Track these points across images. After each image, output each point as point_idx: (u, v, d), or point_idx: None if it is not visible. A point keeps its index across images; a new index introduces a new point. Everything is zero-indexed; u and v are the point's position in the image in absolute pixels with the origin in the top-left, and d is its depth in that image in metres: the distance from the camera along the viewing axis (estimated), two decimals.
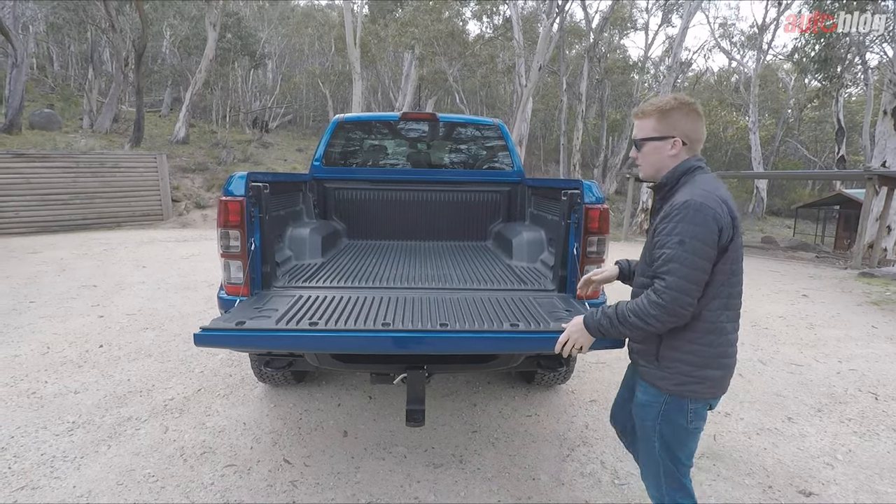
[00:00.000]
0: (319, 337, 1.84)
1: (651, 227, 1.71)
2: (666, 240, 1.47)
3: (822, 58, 12.83)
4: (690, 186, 1.54)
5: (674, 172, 1.61)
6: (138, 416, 3.08)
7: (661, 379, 1.60)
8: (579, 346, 1.68)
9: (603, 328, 1.58)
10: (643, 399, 1.68)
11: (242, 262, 2.39)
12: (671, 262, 1.44)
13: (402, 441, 2.89)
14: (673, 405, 1.60)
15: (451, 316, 2.05)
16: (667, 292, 1.43)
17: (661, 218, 1.53)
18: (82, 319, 4.87)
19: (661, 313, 1.45)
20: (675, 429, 1.61)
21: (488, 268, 3.17)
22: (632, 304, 1.53)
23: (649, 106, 1.64)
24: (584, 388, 3.70)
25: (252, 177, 2.45)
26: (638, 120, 1.67)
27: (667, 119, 1.59)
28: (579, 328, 1.65)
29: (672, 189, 1.61)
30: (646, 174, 1.70)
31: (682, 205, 1.46)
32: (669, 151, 1.60)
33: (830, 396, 3.71)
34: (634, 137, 1.68)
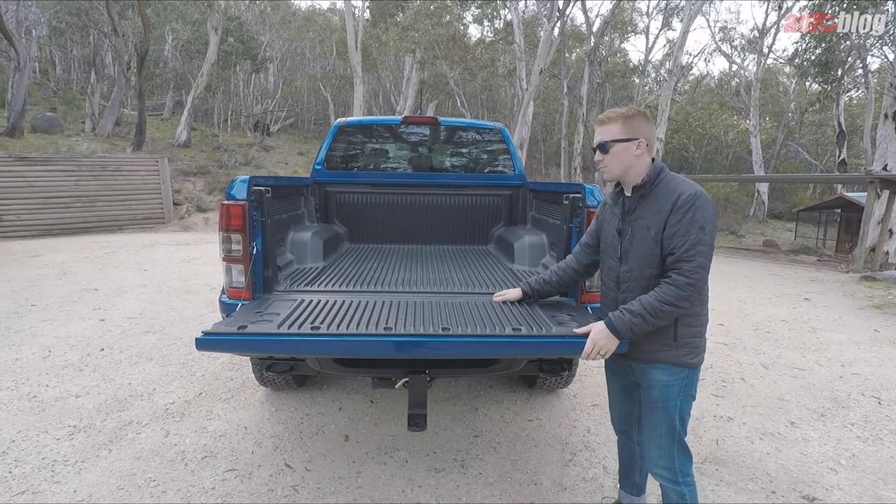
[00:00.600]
0: (321, 341, 1.83)
1: (624, 223, 1.83)
2: (687, 227, 1.64)
3: (822, 61, 12.84)
4: (676, 182, 1.74)
5: (654, 172, 1.78)
6: (139, 420, 3.08)
7: (683, 356, 1.76)
8: (605, 352, 1.74)
9: (636, 327, 1.67)
10: (666, 380, 1.78)
11: (244, 265, 2.38)
12: (698, 245, 1.62)
13: (403, 445, 2.88)
14: (690, 377, 1.79)
15: (453, 320, 2.04)
16: (697, 272, 1.62)
17: (671, 210, 1.66)
18: (83, 323, 4.87)
19: (692, 293, 1.63)
20: (688, 399, 1.82)
21: (490, 272, 3.17)
22: (658, 296, 1.65)
23: (612, 113, 1.81)
24: (586, 393, 3.68)
25: (254, 181, 2.45)
26: (602, 126, 1.82)
27: (630, 123, 1.77)
28: (604, 333, 1.73)
29: (651, 186, 1.77)
30: (612, 174, 1.84)
31: (691, 196, 1.65)
32: (635, 152, 1.77)
33: (833, 401, 3.70)
34: (601, 141, 1.81)
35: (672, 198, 1.69)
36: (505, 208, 4.27)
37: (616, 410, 2.17)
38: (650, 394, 1.84)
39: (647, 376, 1.84)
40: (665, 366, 1.78)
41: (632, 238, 1.80)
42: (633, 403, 2.07)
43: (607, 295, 1.99)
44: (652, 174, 1.77)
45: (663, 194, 1.73)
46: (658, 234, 1.71)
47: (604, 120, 1.82)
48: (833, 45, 12.51)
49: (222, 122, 25.78)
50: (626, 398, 2.10)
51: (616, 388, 2.12)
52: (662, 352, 1.77)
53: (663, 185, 1.76)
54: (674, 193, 1.69)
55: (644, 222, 1.76)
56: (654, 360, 1.80)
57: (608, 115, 1.81)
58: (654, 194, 1.76)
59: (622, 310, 1.71)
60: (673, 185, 1.73)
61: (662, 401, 1.80)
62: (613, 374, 2.11)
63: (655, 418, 1.83)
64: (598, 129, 1.83)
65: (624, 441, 2.22)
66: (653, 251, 1.73)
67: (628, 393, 2.07)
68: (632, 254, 1.80)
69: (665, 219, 1.68)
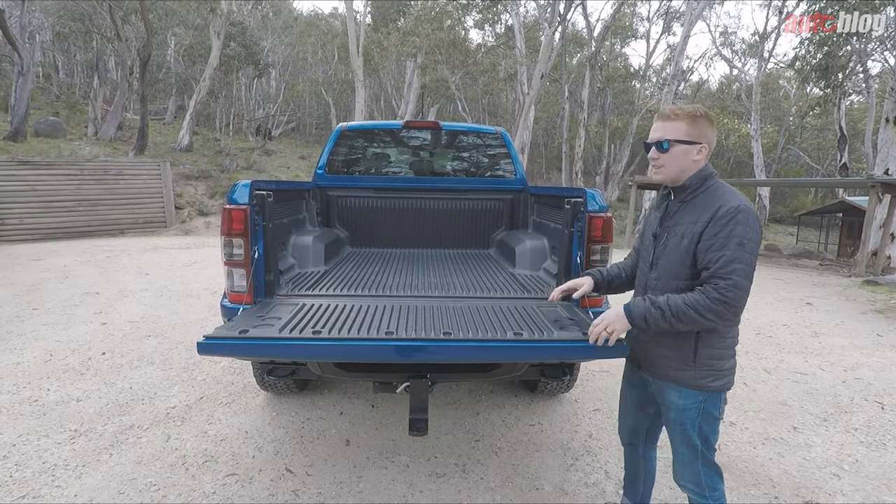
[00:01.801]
0: (323, 346, 1.83)
1: (661, 228, 1.74)
2: (724, 242, 1.52)
3: (822, 66, 12.85)
4: (722, 192, 1.61)
5: (699, 176, 1.66)
6: (140, 425, 3.07)
7: (700, 378, 1.66)
8: (612, 330, 1.65)
9: (650, 317, 1.58)
10: (682, 403, 1.70)
11: (246, 270, 2.39)
12: (734, 262, 1.50)
13: (404, 450, 2.87)
14: (710, 401, 1.68)
15: (455, 324, 2.04)
16: (733, 291, 1.49)
17: (709, 222, 1.55)
18: (85, 327, 4.87)
19: (724, 309, 1.50)
20: (710, 421, 1.71)
21: (491, 276, 3.17)
22: (686, 299, 1.54)
23: (679, 110, 1.65)
24: (588, 397, 3.67)
25: (256, 185, 2.46)
26: (666, 121, 1.66)
27: (697, 125, 1.63)
28: (619, 315, 1.64)
29: (694, 192, 1.66)
30: (667, 176, 1.69)
31: (733, 209, 1.53)
32: (696, 157, 1.65)
33: (836, 406, 3.68)
34: (661, 138, 1.65)
35: (712, 208, 1.57)
36: (506, 212, 4.28)
37: (626, 422, 2.10)
38: (667, 414, 1.77)
39: (663, 395, 1.77)
40: (680, 387, 1.70)
41: (665, 245, 1.71)
42: (644, 418, 2.01)
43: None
44: (696, 180, 1.66)
45: (705, 203, 1.62)
46: (691, 245, 1.60)
47: (670, 115, 1.66)
48: (833, 50, 12.53)
49: (224, 127, 25.88)
50: (638, 412, 2.02)
51: (630, 401, 2.04)
52: (679, 371, 1.69)
53: (707, 193, 1.64)
54: (715, 204, 1.58)
55: (679, 230, 1.66)
56: (668, 378, 1.72)
57: (675, 111, 1.66)
58: (695, 202, 1.65)
59: (645, 297, 1.63)
60: (717, 195, 1.61)
61: (679, 423, 1.73)
62: (630, 386, 2.03)
63: (675, 437, 1.77)
64: (661, 124, 1.67)
65: (630, 452, 2.15)
66: (682, 262, 1.63)
67: (642, 407, 2.00)
68: (662, 261, 1.71)
69: (701, 230, 1.58)
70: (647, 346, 1.78)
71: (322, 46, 32.10)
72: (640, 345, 1.80)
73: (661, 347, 1.72)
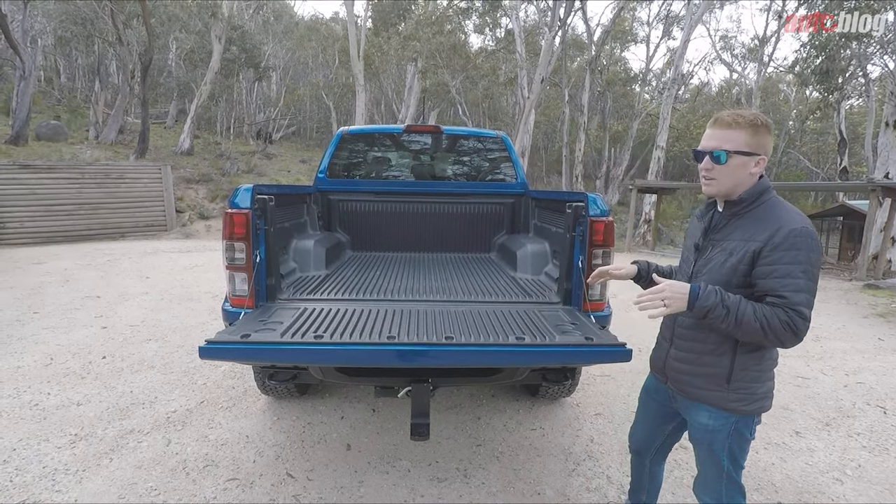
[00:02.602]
0: (324, 350, 1.83)
1: (705, 240, 1.65)
2: (788, 269, 1.42)
3: (823, 69, 12.88)
4: (781, 209, 1.51)
5: (755, 190, 1.55)
6: (140, 429, 3.07)
7: (734, 401, 1.57)
8: (669, 303, 1.46)
9: (714, 314, 1.43)
10: (712, 424, 1.62)
11: (247, 274, 2.39)
12: (802, 292, 1.41)
13: (405, 455, 2.87)
14: (742, 423, 1.60)
15: (456, 329, 2.04)
16: (801, 321, 1.40)
17: (766, 243, 1.44)
18: (85, 330, 4.87)
19: (789, 336, 1.41)
20: (741, 442, 1.63)
21: (492, 280, 3.17)
22: (756, 311, 1.42)
23: (740, 117, 1.51)
24: (589, 402, 3.67)
25: (258, 189, 2.46)
26: (724, 129, 1.52)
27: (758, 134, 1.50)
28: (683, 293, 1.46)
29: (748, 207, 1.55)
30: (719, 190, 1.56)
31: (796, 232, 1.43)
32: (753, 169, 1.53)
33: (838, 410, 3.67)
34: (718, 148, 1.51)
35: (770, 228, 1.45)
36: (507, 216, 4.28)
37: (639, 432, 2.01)
38: (695, 434, 1.70)
39: (691, 415, 1.69)
40: (711, 409, 1.61)
41: (708, 259, 1.60)
42: (660, 434, 1.93)
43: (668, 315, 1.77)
44: (753, 193, 1.53)
45: (760, 220, 1.50)
46: (739, 264, 1.49)
47: (729, 122, 1.51)
48: (833, 54, 12.57)
49: (225, 130, 25.92)
50: (655, 427, 1.94)
51: (648, 414, 1.95)
52: (710, 392, 1.60)
53: (764, 209, 1.52)
54: (773, 223, 1.46)
55: (727, 245, 1.55)
56: (699, 398, 1.63)
57: (736, 118, 1.50)
58: (749, 217, 1.53)
59: (717, 290, 1.45)
60: (775, 214, 1.49)
61: (707, 443, 1.65)
62: (650, 399, 1.93)
63: (701, 455, 1.70)
64: (718, 131, 1.52)
65: (637, 462, 2.08)
66: (727, 280, 1.51)
67: (661, 423, 1.91)
68: (703, 276, 1.59)
69: (756, 251, 1.46)
70: (680, 363, 1.69)
71: (323, 50, 32.19)
72: (673, 361, 1.72)
73: (694, 365, 1.64)
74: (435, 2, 23.03)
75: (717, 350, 1.59)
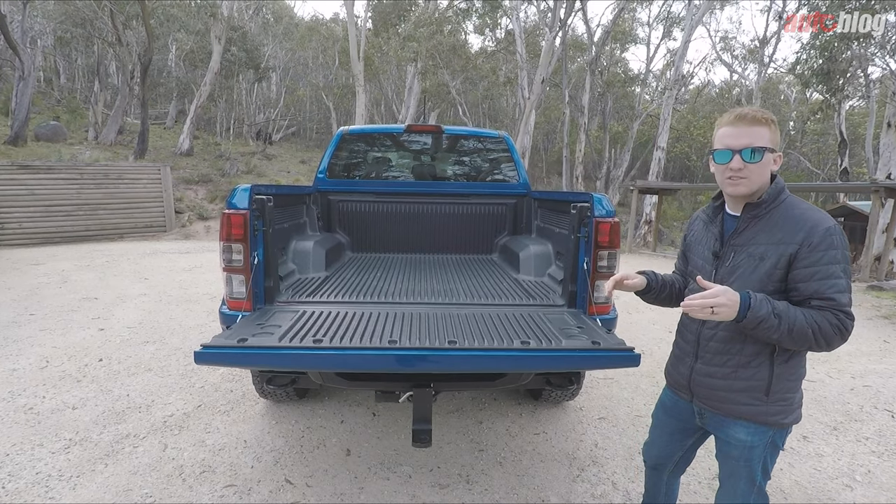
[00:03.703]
0: (324, 355, 1.78)
1: (726, 247, 1.55)
2: (829, 270, 1.38)
3: (824, 70, 12.83)
4: (803, 207, 1.46)
5: (775, 189, 1.50)
6: (136, 433, 3.01)
7: (774, 414, 1.51)
8: (718, 311, 1.34)
9: (763, 319, 1.34)
10: (751, 440, 1.55)
11: (245, 276, 2.34)
12: (845, 292, 1.38)
13: (406, 460, 2.81)
14: (778, 435, 1.56)
15: (459, 333, 1.99)
16: (850, 322, 1.37)
17: (802, 244, 1.39)
18: (82, 332, 4.81)
19: (839, 339, 1.37)
20: (774, 454, 1.60)
21: (495, 282, 3.11)
22: (807, 317, 1.35)
23: (763, 114, 1.46)
24: (593, 405, 3.61)
25: (256, 189, 2.41)
26: (752, 126, 1.44)
27: (776, 132, 1.47)
28: (734, 302, 1.35)
29: (768, 207, 1.49)
30: (749, 190, 1.48)
31: (829, 230, 1.39)
32: (773, 167, 1.49)
33: (845, 414, 3.62)
34: (751, 145, 1.43)
35: (801, 228, 1.41)
36: (509, 217, 4.23)
37: (656, 446, 1.90)
38: (729, 450, 1.61)
39: (726, 432, 1.59)
40: (750, 424, 1.53)
41: (734, 266, 1.51)
42: (679, 448, 1.85)
43: (687, 327, 1.69)
44: (773, 193, 1.48)
45: (786, 220, 1.44)
46: (775, 269, 1.43)
47: (757, 119, 1.44)
48: (835, 54, 12.52)
49: (225, 131, 25.88)
50: (674, 442, 1.84)
51: (666, 429, 1.85)
52: (749, 407, 1.52)
53: (785, 208, 1.47)
54: (803, 223, 1.41)
55: (756, 250, 1.47)
56: (737, 415, 1.54)
57: (761, 115, 1.45)
58: (770, 218, 1.48)
59: (767, 299, 1.37)
60: (799, 212, 1.44)
61: (745, 460, 1.57)
62: (668, 415, 1.83)
63: (732, 471, 1.63)
64: (746, 128, 1.44)
65: (653, 476, 1.98)
66: (764, 286, 1.44)
67: (679, 438, 1.82)
68: (732, 284, 1.48)
69: (792, 253, 1.41)
70: (711, 378, 1.59)
71: (323, 51, 32.16)
72: (701, 377, 1.62)
73: (729, 380, 1.54)
74: (435, 2, 23.00)
75: (754, 361, 1.51)
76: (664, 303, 1.81)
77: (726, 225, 1.59)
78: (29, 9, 18.28)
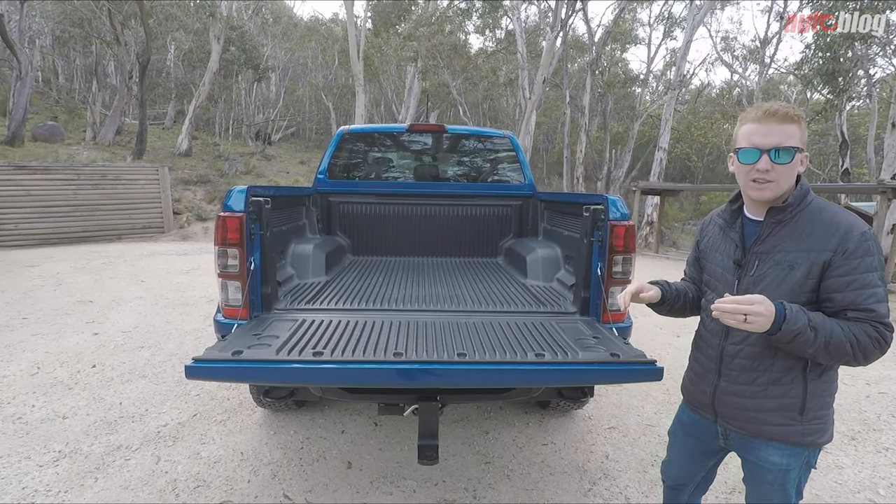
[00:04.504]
0: (325, 369, 1.66)
1: (750, 254, 1.44)
2: (868, 278, 1.28)
3: (829, 70, 12.73)
4: (832, 210, 1.36)
5: (801, 191, 1.38)
6: (129, 445, 2.89)
7: (809, 434, 1.41)
8: (750, 321, 1.23)
9: (799, 332, 1.23)
10: (786, 463, 1.45)
11: (241, 282, 2.22)
12: (884, 301, 1.30)
13: (410, 474, 2.69)
14: (813, 454, 1.48)
15: (469, 343, 1.87)
16: (889, 335, 1.28)
17: (836, 251, 1.29)
18: (76, 337, 4.69)
19: (877, 353, 1.28)
20: (807, 473, 1.53)
21: (502, 287, 3.00)
22: (845, 330, 1.25)
23: (793, 110, 1.33)
24: (602, 414, 3.49)
25: (252, 191, 2.29)
26: (782, 124, 1.32)
27: (804, 129, 1.35)
28: (771, 311, 1.23)
29: (794, 211, 1.38)
30: (776, 194, 1.37)
31: (864, 235, 1.30)
32: (800, 168, 1.38)
33: (863, 423, 3.50)
34: (781, 144, 1.31)
35: (834, 233, 1.30)
36: (514, 219, 4.11)
37: (675, 466, 1.80)
38: (761, 474, 1.50)
39: (758, 454, 1.49)
40: (784, 446, 1.43)
41: (760, 275, 1.40)
42: (701, 469, 1.74)
43: (707, 341, 1.57)
44: (799, 195, 1.37)
45: (815, 225, 1.34)
46: (807, 278, 1.32)
47: (788, 115, 1.32)
48: (840, 54, 12.42)
49: (224, 131, 25.74)
50: (695, 463, 1.74)
51: (686, 449, 1.74)
52: (783, 427, 1.41)
53: (812, 212, 1.36)
54: (836, 228, 1.31)
55: (784, 258, 1.36)
56: (769, 436, 1.44)
57: (791, 111, 1.33)
58: (798, 222, 1.36)
59: (803, 310, 1.26)
60: (830, 216, 1.33)
61: (780, 483, 1.48)
62: (688, 435, 1.71)
63: (766, 496, 1.53)
64: (775, 126, 1.32)
65: (672, 496, 1.88)
66: (795, 297, 1.33)
67: (701, 458, 1.72)
68: (758, 294, 1.36)
69: (825, 261, 1.30)
70: (738, 397, 1.48)
71: (322, 51, 32.03)
72: (727, 396, 1.50)
73: (759, 399, 1.44)
74: (435, 2, 22.89)
75: (785, 378, 1.40)
76: (677, 314, 1.70)
77: (747, 230, 1.47)
78: (27, 8, 18.15)
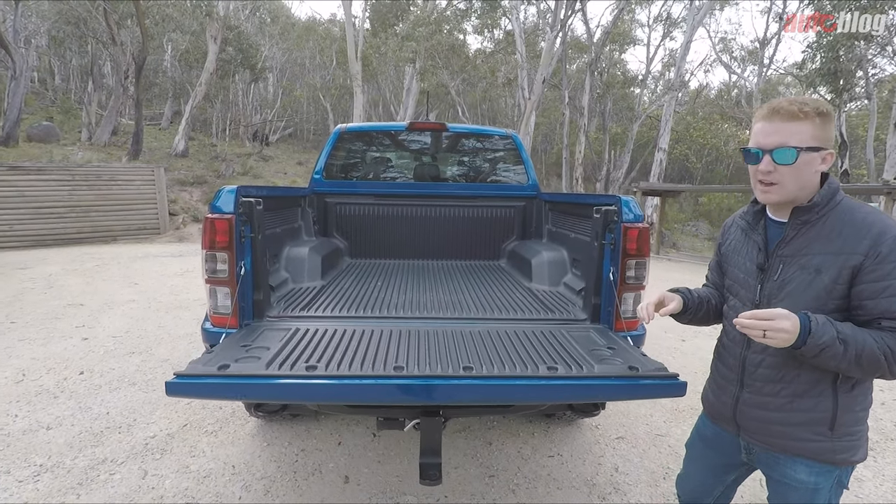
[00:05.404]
0: (318, 385, 1.52)
1: (773, 258, 1.34)
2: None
3: (830, 71, 12.65)
4: (864, 212, 1.25)
5: (828, 191, 1.27)
6: (114, 458, 2.75)
7: (841, 452, 1.31)
8: (772, 335, 1.16)
9: (826, 346, 1.15)
10: (814, 481, 1.34)
11: (230, 288, 2.08)
12: None
13: (410, 489, 2.56)
14: (844, 473, 1.37)
15: (474, 355, 1.74)
16: None
17: (867, 255, 1.19)
18: (64, 342, 4.54)
19: None
20: (839, 491, 1.39)
21: (507, 292, 2.86)
22: (878, 342, 1.15)
23: (805, 106, 1.22)
24: (609, 423, 3.36)
25: (243, 191, 2.16)
26: (787, 122, 1.23)
27: (826, 125, 1.23)
28: (794, 327, 1.15)
29: (820, 212, 1.27)
30: (784, 196, 1.28)
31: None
32: (819, 167, 1.26)
33: (879, 432, 3.38)
34: (783, 144, 1.23)
35: (866, 235, 1.20)
36: (518, 221, 3.98)
37: (692, 480, 1.70)
38: (787, 493, 1.39)
39: (783, 471, 1.38)
40: (813, 463, 1.32)
41: (784, 280, 1.31)
42: (720, 484, 1.63)
43: (729, 350, 1.48)
44: (825, 195, 1.27)
45: (845, 226, 1.24)
46: (835, 283, 1.22)
47: (794, 113, 1.22)
48: (842, 54, 12.35)
49: (221, 132, 25.57)
50: (714, 478, 1.63)
51: (705, 463, 1.64)
52: (812, 443, 1.30)
53: (842, 212, 1.25)
54: (867, 229, 1.20)
55: (811, 261, 1.26)
56: (796, 452, 1.33)
57: (799, 107, 1.22)
58: (825, 224, 1.26)
59: (829, 321, 1.17)
60: (861, 216, 1.23)
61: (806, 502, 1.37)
62: (709, 448, 1.61)
63: None
64: (779, 124, 1.24)
65: None
66: (820, 303, 1.24)
67: (720, 473, 1.61)
68: (781, 302, 1.29)
69: (855, 265, 1.19)
70: (762, 410, 1.38)
71: (320, 52, 31.87)
72: (749, 408, 1.41)
73: (785, 412, 1.33)
74: (434, 2, 22.78)
75: (813, 391, 1.29)
76: (700, 322, 1.59)
77: (770, 232, 1.38)
78: (22, 8, 17.98)
